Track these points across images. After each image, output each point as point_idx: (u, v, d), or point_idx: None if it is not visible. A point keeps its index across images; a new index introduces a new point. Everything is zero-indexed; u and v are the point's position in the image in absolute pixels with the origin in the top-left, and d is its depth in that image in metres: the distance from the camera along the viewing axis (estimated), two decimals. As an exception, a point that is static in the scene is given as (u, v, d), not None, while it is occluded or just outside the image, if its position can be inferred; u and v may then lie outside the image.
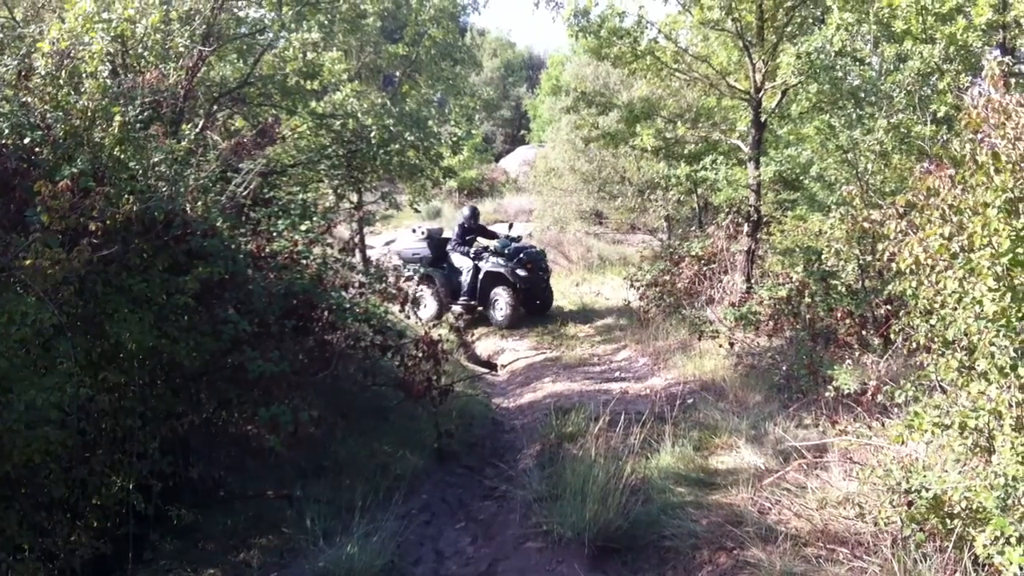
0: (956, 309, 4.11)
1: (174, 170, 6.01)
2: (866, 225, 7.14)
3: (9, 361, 4.11)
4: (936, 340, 4.38)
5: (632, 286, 13.53)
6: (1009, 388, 3.81)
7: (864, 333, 8.24)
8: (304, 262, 7.06)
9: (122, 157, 5.59)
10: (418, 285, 13.98)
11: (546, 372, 11.17)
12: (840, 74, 9.74)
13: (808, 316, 9.10)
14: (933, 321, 4.41)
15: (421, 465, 7.34)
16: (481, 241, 14.90)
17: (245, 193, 7.10)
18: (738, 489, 5.90)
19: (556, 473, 6.38)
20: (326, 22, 12.17)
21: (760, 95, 10.88)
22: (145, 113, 6.53)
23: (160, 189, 5.60)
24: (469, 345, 13.95)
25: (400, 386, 7.74)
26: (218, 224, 5.93)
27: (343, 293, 7.48)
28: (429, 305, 14.37)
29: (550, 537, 5.57)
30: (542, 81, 34.81)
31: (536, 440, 7.93)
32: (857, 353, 7.17)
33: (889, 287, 7.50)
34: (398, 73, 17.04)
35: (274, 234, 7.12)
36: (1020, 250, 3.71)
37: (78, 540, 4.60)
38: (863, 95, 10.14)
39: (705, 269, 12.25)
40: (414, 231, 15.65)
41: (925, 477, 4.26)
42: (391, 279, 8.33)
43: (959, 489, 4.03)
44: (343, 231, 13.86)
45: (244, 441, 6.18)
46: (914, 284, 4.44)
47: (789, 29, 10.83)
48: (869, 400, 6.05)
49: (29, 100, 5.48)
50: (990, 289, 3.80)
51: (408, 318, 8.41)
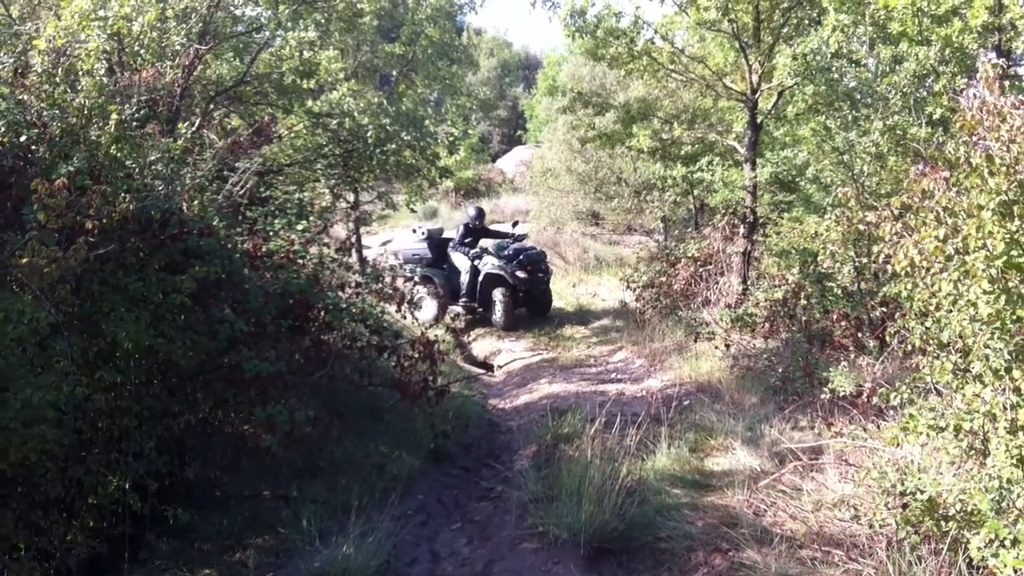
0: (951, 311, 4.12)
1: (170, 169, 6.00)
2: (862, 227, 7.20)
3: (5, 360, 4.11)
4: (931, 342, 4.38)
5: (628, 287, 13.51)
6: (1004, 391, 3.82)
7: (860, 335, 8.24)
8: (300, 262, 7.05)
9: (118, 155, 5.58)
10: (416, 286, 13.91)
11: (542, 373, 11.17)
12: (836, 76, 9.74)
13: (804, 318, 9.11)
14: (928, 323, 4.41)
15: (417, 466, 7.34)
16: (484, 242, 14.83)
17: (241, 192, 7.10)
18: (734, 491, 5.92)
19: (552, 474, 6.39)
20: (322, 21, 12.14)
21: (756, 96, 10.90)
22: (141, 111, 6.53)
23: (156, 188, 5.59)
24: (466, 346, 13.92)
25: (396, 387, 7.73)
26: (214, 223, 5.93)
27: (339, 293, 7.48)
28: (429, 306, 14.22)
29: (546, 538, 5.58)
30: (539, 81, 34.78)
31: (532, 441, 7.93)
32: (853, 355, 7.18)
33: (884, 289, 7.53)
34: (395, 72, 17.03)
35: (270, 233, 7.12)
36: (1014, 253, 3.72)
37: (74, 539, 4.61)
38: (859, 97, 10.15)
39: (701, 271, 12.24)
40: (414, 231, 15.50)
41: (920, 479, 4.27)
42: (387, 279, 8.32)
43: (954, 492, 4.04)
44: (339, 231, 13.86)
45: (240, 441, 6.18)
46: (909, 286, 4.46)
47: (785, 30, 10.84)
48: (864, 402, 6.07)
49: (25, 98, 5.47)
50: (985, 292, 3.81)
51: (405, 318, 8.38)
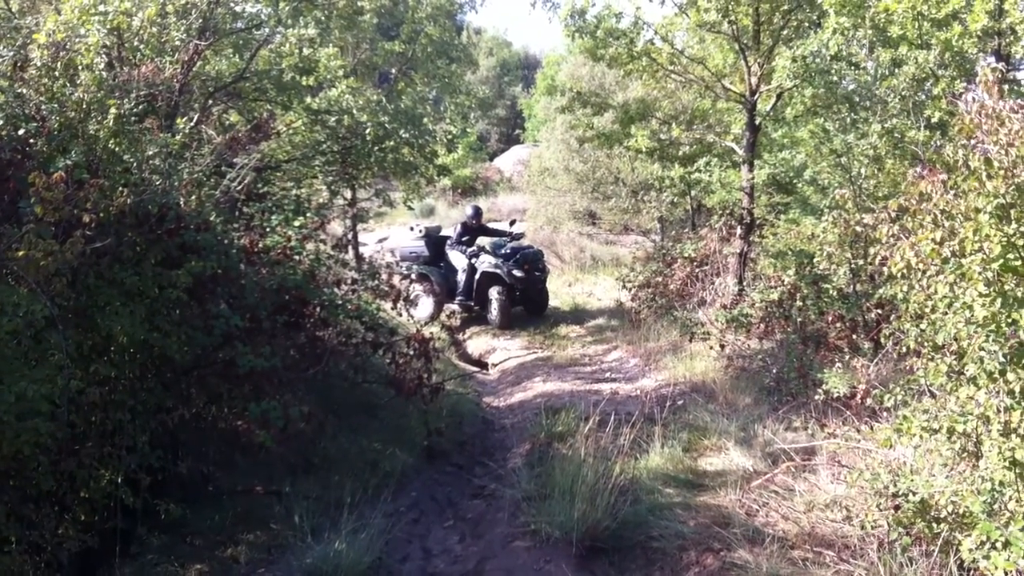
0: (946, 314, 4.13)
1: (168, 164, 6.00)
2: (858, 229, 7.19)
3: (0, 352, 4.10)
4: (926, 344, 4.39)
5: (624, 287, 13.52)
6: (998, 393, 3.83)
7: (854, 337, 8.25)
8: (297, 258, 7.06)
9: (116, 150, 5.57)
10: (412, 284, 13.90)
11: (537, 372, 11.16)
12: (835, 78, 9.74)
13: (799, 319, 9.11)
14: (923, 325, 4.42)
15: (410, 463, 7.34)
16: (481, 240, 14.77)
17: (239, 188, 7.11)
18: (726, 491, 5.92)
19: (545, 472, 6.39)
20: (322, 18, 12.19)
21: (755, 98, 10.91)
22: (140, 106, 6.52)
23: (154, 182, 5.58)
24: (460, 344, 13.93)
25: (391, 383, 7.74)
26: (211, 219, 5.93)
27: (335, 290, 7.49)
28: (425, 304, 14.21)
29: (538, 536, 5.58)
30: (538, 81, 34.79)
31: (526, 439, 7.94)
32: (847, 357, 7.17)
33: (880, 291, 7.54)
34: (394, 70, 17.03)
35: (267, 229, 7.12)
36: (1011, 256, 3.73)
37: (65, 533, 4.60)
38: (858, 100, 10.16)
39: (697, 271, 12.25)
40: (412, 229, 15.42)
41: (912, 481, 4.28)
42: (383, 276, 8.32)
43: (946, 493, 4.05)
44: (336, 228, 13.84)
45: (234, 436, 6.17)
46: (905, 288, 4.46)
47: (785, 33, 10.86)
48: (858, 404, 6.08)
49: (24, 91, 5.45)
50: (980, 294, 3.81)
51: (400, 315, 8.38)
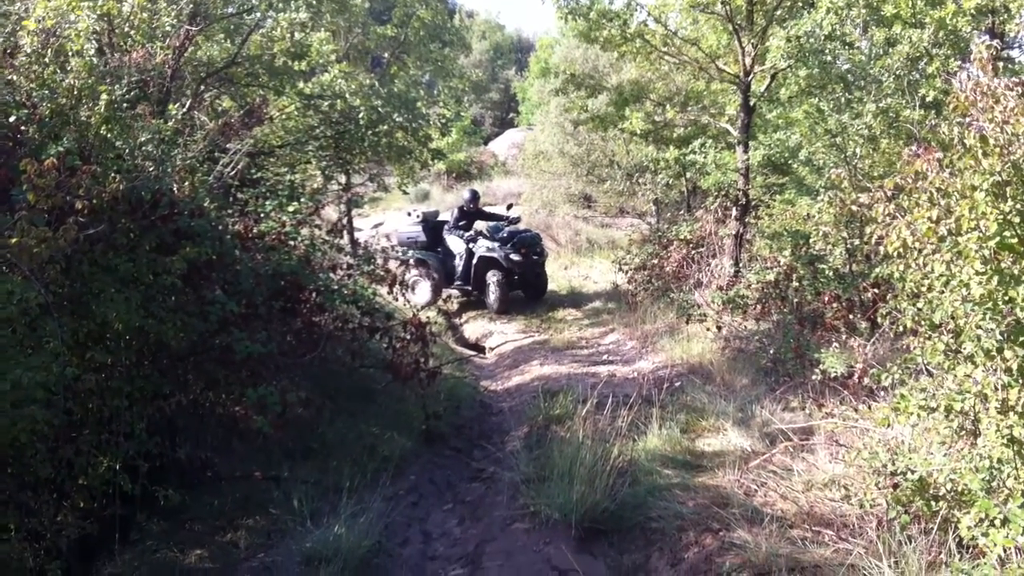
0: (943, 292, 4.12)
1: (161, 150, 5.97)
2: (854, 208, 7.16)
3: (-6, 340, 4.09)
4: (923, 323, 4.38)
5: (620, 270, 13.54)
6: (995, 371, 3.83)
7: (851, 316, 8.27)
8: (292, 243, 7.05)
9: (108, 136, 5.53)
10: (409, 269, 13.88)
11: (534, 355, 11.17)
12: (829, 58, 9.73)
13: (795, 300, 9.12)
14: (920, 304, 4.41)
15: (409, 447, 7.35)
16: (479, 225, 14.73)
17: (232, 174, 7.08)
18: (724, 471, 5.94)
19: (544, 455, 6.40)
20: (314, 2, 12.07)
21: (749, 79, 10.87)
22: (132, 92, 6.49)
23: (147, 169, 5.55)
24: (457, 328, 13.94)
25: (388, 368, 7.74)
26: (205, 204, 5.90)
27: (331, 275, 7.47)
28: (423, 289, 14.18)
29: (537, 518, 5.60)
30: (531, 64, 34.67)
31: (524, 422, 7.95)
32: (844, 336, 7.18)
33: (876, 271, 7.54)
34: (386, 54, 16.97)
35: (262, 215, 7.10)
36: (1007, 233, 3.72)
37: (64, 520, 4.59)
38: (852, 79, 10.15)
39: (693, 253, 12.26)
40: (409, 215, 15.39)
41: (911, 459, 4.29)
42: (379, 261, 8.30)
43: (944, 471, 4.06)
44: (331, 213, 13.81)
45: (231, 422, 6.16)
46: (901, 267, 4.45)
47: (779, 13, 10.80)
48: (856, 383, 6.08)
49: (14, 78, 5.41)
50: (977, 272, 3.80)
51: (396, 300, 8.37)
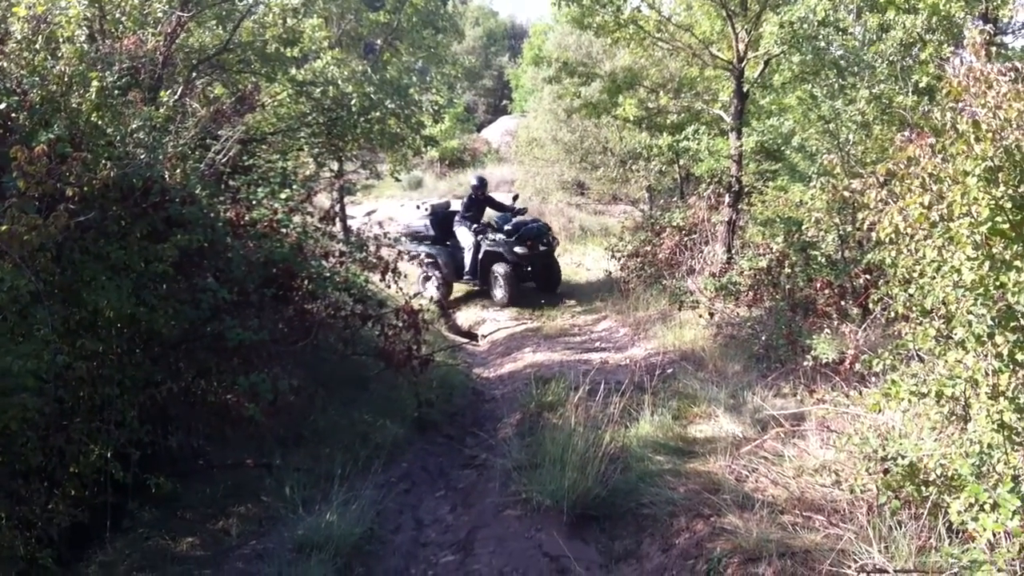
0: (935, 278, 4.12)
1: (152, 137, 5.94)
2: (846, 195, 7.16)
3: (-15, 328, 4.08)
4: (914, 309, 4.39)
5: (613, 257, 13.53)
6: (986, 356, 3.83)
7: (843, 303, 8.28)
8: (284, 231, 7.02)
9: (99, 123, 5.51)
10: (423, 266, 13.86)
11: (527, 342, 11.18)
12: (823, 44, 9.70)
13: (788, 286, 9.13)
14: (911, 290, 4.42)
15: (401, 434, 7.35)
16: (489, 213, 14.46)
17: (224, 161, 7.05)
18: (716, 457, 5.96)
19: (536, 442, 6.42)
20: (306, -12, 12.01)
21: (743, 65, 10.84)
22: (123, 79, 6.45)
23: (138, 156, 5.52)
24: (450, 315, 13.93)
25: (380, 355, 7.73)
26: (197, 192, 5.88)
27: (323, 262, 7.45)
28: (434, 285, 14.11)
29: (529, 505, 5.62)
30: (524, 50, 34.45)
31: (516, 409, 7.96)
32: (836, 323, 7.20)
33: (868, 257, 7.54)
34: (379, 41, 16.91)
35: (253, 202, 7.07)
36: (999, 219, 3.72)
37: (55, 508, 4.60)
38: (845, 65, 10.12)
39: (686, 240, 12.25)
40: (418, 207, 15.02)
41: (901, 445, 4.30)
42: (371, 248, 8.27)
43: (935, 457, 4.07)
44: (323, 200, 13.77)
45: (223, 410, 6.16)
46: (893, 253, 4.45)
47: (772, -2, 10.78)
48: (847, 369, 6.10)
49: (4, 65, 5.38)
50: (968, 258, 3.80)
51: (389, 287, 8.36)
